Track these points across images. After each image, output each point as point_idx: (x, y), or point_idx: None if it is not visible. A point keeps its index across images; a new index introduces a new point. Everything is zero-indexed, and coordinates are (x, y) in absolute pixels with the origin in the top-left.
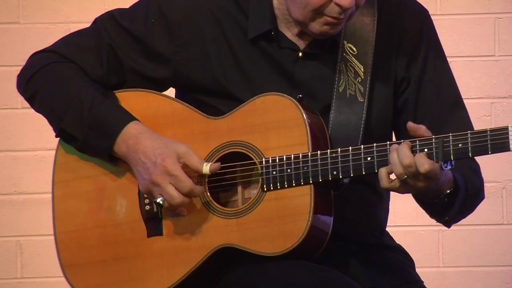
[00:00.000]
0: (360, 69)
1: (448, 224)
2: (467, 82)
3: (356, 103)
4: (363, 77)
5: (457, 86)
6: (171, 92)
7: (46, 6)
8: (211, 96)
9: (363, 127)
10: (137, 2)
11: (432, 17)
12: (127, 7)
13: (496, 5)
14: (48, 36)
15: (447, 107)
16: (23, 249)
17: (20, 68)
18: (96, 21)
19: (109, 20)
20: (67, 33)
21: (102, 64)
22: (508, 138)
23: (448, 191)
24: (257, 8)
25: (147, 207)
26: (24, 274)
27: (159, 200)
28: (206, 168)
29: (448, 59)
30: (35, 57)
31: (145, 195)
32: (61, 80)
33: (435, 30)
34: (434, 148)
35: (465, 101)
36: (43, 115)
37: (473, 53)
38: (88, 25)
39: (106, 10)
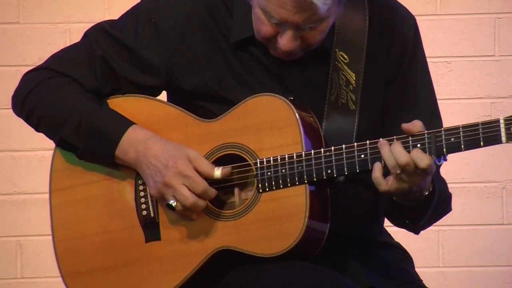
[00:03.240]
0: (351, 77)
1: (418, 231)
2: (467, 82)
3: (348, 112)
4: (354, 85)
5: (435, 96)
6: (163, 95)
7: (46, 6)
8: (204, 100)
9: (355, 136)
10: (126, 12)
11: (432, 17)
12: (127, 8)
13: (496, 5)
14: (48, 36)
15: (424, 116)
16: (23, 249)
17: (20, 68)
18: (86, 34)
19: (99, 32)
20: (67, 33)
21: (96, 75)
22: (499, 130)
23: (427, 193)
24: (241, 11)
25: (144, 213)
26: (24, 274)
27: (171, 201)
28: (218, 172)
29: (448, 59)
30: (27, 76)
31: (141, 200)
32: (57, 94)
33: (420, 38)
34: (427, 144)
35: (465, 101)
36: (42, 131)
37: (473, 53)
38: (88, 25)
39: (106, 10)
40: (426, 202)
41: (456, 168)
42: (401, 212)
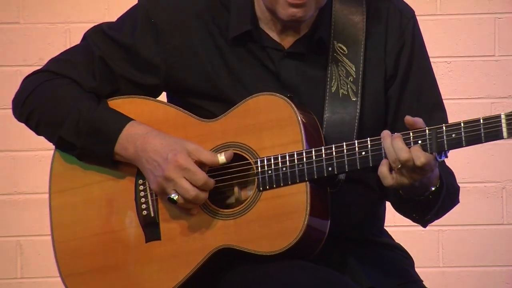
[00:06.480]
0: (351, 68)
1: (425, 224)
2: (467, 82)
3: (349, 103)
4: (354, 76)
5: (438, 88)
6: (163, 95)
7: (46, 6)
8: (203, 99)
9: (357, 126)
10: (124, 13)
11: (432, 17)
12: (126, 8)
13: (496, 5)
14: (48, 36)
15: (428, 108)
16: (23, 249)
17: (20, 68)
18: (85, 36)
19: (97, 33)
20: (67, 33)
21: (95, 76)
22: (501, 125)
23: (433, 188)
24: (239, 6)
25: (144, 212)
26: (24, 274)
27: (172, 195)
28: (222, 157)
29: (448, 59)
30: (27, 80)
31: (141, 200)
32: (56, 94)
33: (420, 30)
34: (428, 140)
35: (465, 101)
36: (42, 133)
37: (473, 53)
38: (87, 25)
39: (106, 10)
40: (433, 198)
41: (456, 168)
42: (408, 207)
